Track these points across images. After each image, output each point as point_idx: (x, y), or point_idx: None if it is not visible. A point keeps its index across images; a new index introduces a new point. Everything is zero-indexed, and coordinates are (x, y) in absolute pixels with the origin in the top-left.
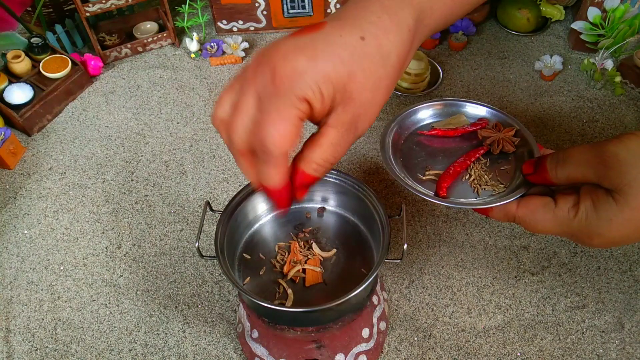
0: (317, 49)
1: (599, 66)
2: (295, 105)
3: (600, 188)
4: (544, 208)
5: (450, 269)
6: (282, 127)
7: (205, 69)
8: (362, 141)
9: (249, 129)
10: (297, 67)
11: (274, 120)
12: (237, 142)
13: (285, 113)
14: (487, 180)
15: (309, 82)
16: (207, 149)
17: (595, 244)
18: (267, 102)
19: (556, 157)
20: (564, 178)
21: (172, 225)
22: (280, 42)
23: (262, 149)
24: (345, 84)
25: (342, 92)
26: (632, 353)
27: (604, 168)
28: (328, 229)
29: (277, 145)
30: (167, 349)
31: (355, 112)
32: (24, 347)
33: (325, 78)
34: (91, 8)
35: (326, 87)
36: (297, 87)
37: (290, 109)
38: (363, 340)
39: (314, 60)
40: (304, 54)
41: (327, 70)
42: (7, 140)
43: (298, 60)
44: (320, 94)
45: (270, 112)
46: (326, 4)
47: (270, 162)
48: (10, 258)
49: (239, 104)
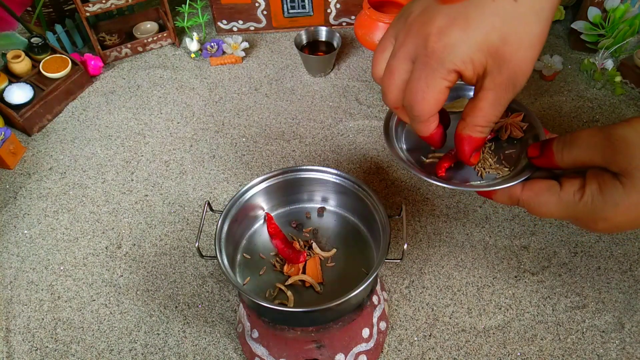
0: (469, 19)
1: (599, 66)
2: (445, 77)
3: (606, 172)
4: (549, 191)
5: (450, 269)
6: (429, 96)
7: (205, 68)
8: (363, 141)
9: (401, 89)
10: (450, 40)
11: (423, 90)
12: (391, 100)
13: (434, 84)
14: (491, 163)
15: (461, 55)
16: (207, 149)
17: (600, 229)
18: (418, 69)
19: (563, 140)
20: (570, 161)
21: (172, 225)
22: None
23: (412, 112)
24: (497, 48)
25: (494, 56)
26: (632, 353)
27: (612, 151)
28: (328, 229)
29: (424, 112)
30: (167, 348)
31: (512, 72)
32: (24, 347)
33: (477, 47)
34: (91, 8)
35: (478, 56)
36: (448, 60)
37: (440, 80)
38: (363, 340)
39: (466, 32)
40: (457, 26)
41: (479, 40)
42: (7, 140)
43: (452, 34)
44: (472, 64)
45: (420, 79)
46: (326, 4)
47: (419, 121)
48: (10, 258)
49: (392, 67)
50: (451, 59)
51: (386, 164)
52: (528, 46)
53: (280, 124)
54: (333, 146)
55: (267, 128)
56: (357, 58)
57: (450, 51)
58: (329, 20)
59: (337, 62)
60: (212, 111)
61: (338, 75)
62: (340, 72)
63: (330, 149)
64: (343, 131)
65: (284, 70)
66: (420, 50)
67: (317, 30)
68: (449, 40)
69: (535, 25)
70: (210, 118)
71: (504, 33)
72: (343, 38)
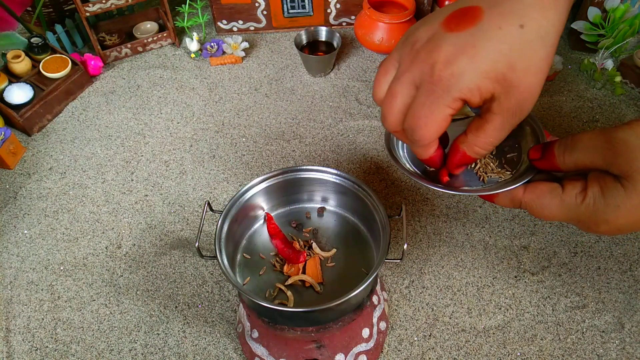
0: (476, 47)
1: (599, 66)
2: (450, 104)
3: (608, 174)
4: (551, 193)
5: (450, 269)
6: (432, 123)
7: (205, 69)
8: (363, 141)
9: (402, 113)
10: (457, 69)
11: (426, 116)
12: (391, 123)
13: (439, 111)
14: (493, 168)
15: (468, 83)
16: (207, 149)
17: (601, 231)
18: (423, 95)
19: (564, 143)
20: (572, 164)
21: (172, 225)
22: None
23: (412, 136)
24: (505, 75)
25: (502, 83)
26: (632, 353)
27: (613, 154)
28: (328, 229)
29: (425, 138)
30: (167, 349)
31: (520, 98)
32: (24, 347)
33: (484, 75)
34: (91, 8)
35: (485, 83)
36: (456, 88)
37: (444, 108)
38: (363, 340)
39: (473, 60)
40: (464, 55)
41: (486, 68)
42: (7, 140)
43: (459, 63)
44: (479, 91)
45: (424, 105)
46: (326, 4)
47: (419, 145)
48: (10, 258)
49: (395, 90)
50: (458, 87)
51: (386, 164)
52: (535, 72)
53: (280, 124)
54: (333, 146)
55: (267, 128)
56: (357, 58)
57: (457, 79)
58: (329, 20)
59: (337, 62)
60: (212, 111)
61: (338, 75)
62: (340, 72)
63: (330, 149)
64: (343, 131)
65: (284, 70)
66: (426, 77)
67: (317, 30)
68: (456, 69)
69: (542, 51)
70: (210, 118)
71: (511, 60)
72: (343, 38)
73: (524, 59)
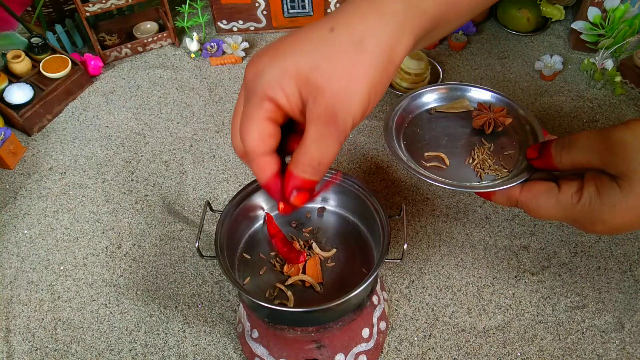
0: (279, 48)
1: (599, 66)
2: (260, 105)
3: (604, 174)
4: (547, 193)
5: (450, 269)
6: (250, 128)
7: (205, 68)
8: (363, 141)
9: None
10: (258, 68)
11: (244, 122)
12: (234, 144)
13: (252, 114)
14: (490, 164)
15: (268, 79)
16: (207, 149)
17: (597, 231)
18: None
19: (561, 142)
20: (569, 163)
21: (172, 225)
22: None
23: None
24: (307, 75)
25: (306, 84)
26: (632, 353)
27: (610, 154)
28: (328, 229)
29: (248, 146)
30: (167, 349)
31: (329, 103)
32: (24, 347)
33: (284, 72)
34: (91, 8)
35: (287, 82)
36: (258, 87)
37: (256, 110)
38: (363, 340)
39: (274, 58)
40: (267, 54)
41: (285, 66)
42: (7, 140)
43: (261, 62)
44: (282, 91)
45: (243, 112)
46: (326, 4)
47: (249, 161)
48: (10, 258)
49: (234, 111)
50: (261, 85)
51: (386, 164)
52: (344, 75)
53: None
54: None
55: None
56: None
57: (259, 78)
58: None
59: None
60: (212, 111)
61: None
62: None
63: None
64: None
65: None
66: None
67: None
68: (257, 68)
69: (354, 55)
70: (210, 118)
71: (314, 60)
72: None
73: (329, 60)
